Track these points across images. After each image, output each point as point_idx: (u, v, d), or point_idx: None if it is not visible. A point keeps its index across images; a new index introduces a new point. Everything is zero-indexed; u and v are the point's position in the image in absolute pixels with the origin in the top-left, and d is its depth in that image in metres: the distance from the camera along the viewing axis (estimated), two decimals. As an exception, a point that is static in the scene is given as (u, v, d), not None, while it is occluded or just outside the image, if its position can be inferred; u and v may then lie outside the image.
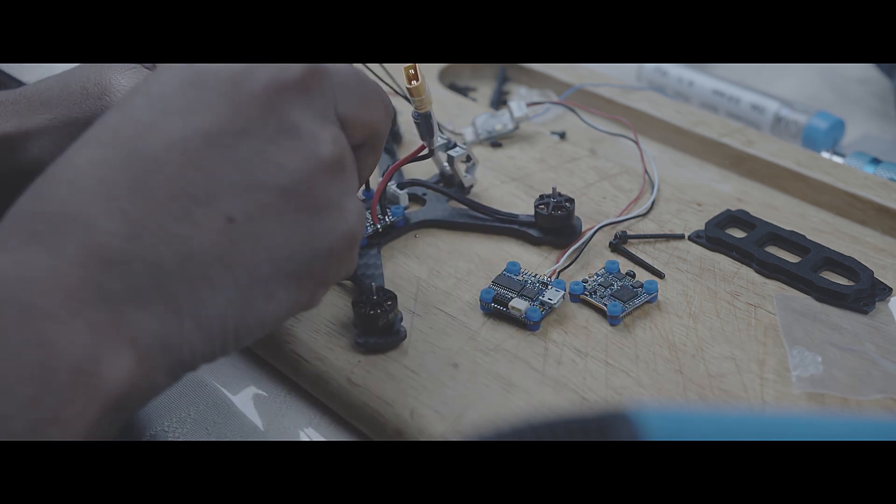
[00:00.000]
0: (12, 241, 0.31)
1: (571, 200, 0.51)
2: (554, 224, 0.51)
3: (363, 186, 0.54)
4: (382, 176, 0.51)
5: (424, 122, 0.48)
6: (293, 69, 0.34)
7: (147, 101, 0.33)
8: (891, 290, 0.48)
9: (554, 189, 0.52)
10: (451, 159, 0.54)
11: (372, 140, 0.39)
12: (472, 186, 0.55)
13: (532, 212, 0.52)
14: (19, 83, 0.63)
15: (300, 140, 0.33)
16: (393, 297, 0.45)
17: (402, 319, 0.45)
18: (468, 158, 0.54)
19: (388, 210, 0.52)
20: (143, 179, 0.31)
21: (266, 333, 0.35)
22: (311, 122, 0.33)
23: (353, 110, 0.37)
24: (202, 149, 0.32)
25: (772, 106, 0.65)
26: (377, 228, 0.51)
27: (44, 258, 0.30)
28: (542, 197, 0.52)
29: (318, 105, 0.34)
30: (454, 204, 0.54)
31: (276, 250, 0.33)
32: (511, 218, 0.52)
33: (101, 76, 0.45)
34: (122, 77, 0.45)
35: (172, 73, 0.34)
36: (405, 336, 0.45)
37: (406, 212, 0.53)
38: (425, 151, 0.51)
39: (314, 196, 0.34)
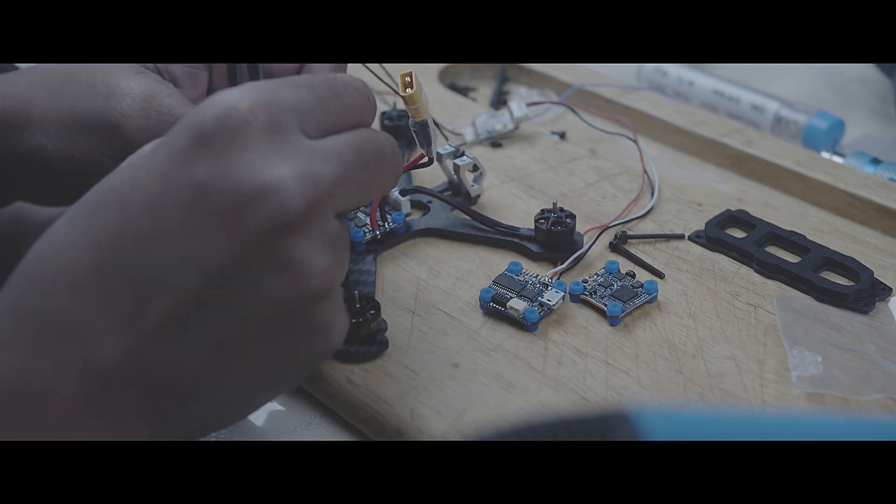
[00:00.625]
0: (18, 340, 0.32)
1: (573, 216, 0.50)
2: (553, 240, 0.50)
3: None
4: None
5: (422, 131, 0.48)
6: (295, 207, 0.32)
7: (148, 209, 0.33)
8: (891, 290, 0.48)
9: (555, 204, 0.51)
10: (457, 168, 0.53)
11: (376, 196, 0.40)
12: (478, 196, 0.55)
13: (532, 217, 0.52)
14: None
15: (293, 273, 0.33)
16: (376, 307, 0.44)
17: (386, 329, 0.45)
18: (475, 168, 0.54)
19: (388, 216, 0.51)
20: (141, 300, 0.32)
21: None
22: (306, 254, 0.33)
23: (357, 201, 0.37)
24: (198, 279, 0.32)
25: (772, 106, 0.65)
26: (375, 235, 0.51)
27: (49, 368, 0.32)
28: (542, 211, 0.51)
29: (317, 236, 0.34)
30: (458, 213, 0.53)
31: (259, 370, 0.35)
32: (512, 231, 0.51)
33: (109, 75, 0.45)
34: (133, 81, 0.44)
35: (177, 183, 0.33)
36: (387, 346, 0.45)
37: (408, 219, 0.52)
38: (425, 160, 0.50)
39: (302, 323, 0.34)
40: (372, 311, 0.44)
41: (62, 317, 0.32)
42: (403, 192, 0.53)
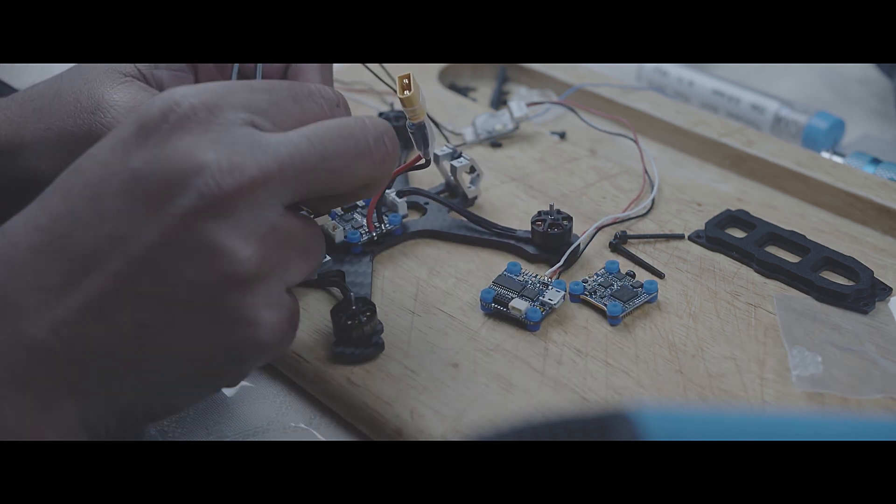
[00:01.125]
0: None
1: (570, 218, 0.50)
2: (549, 242, 0.50)
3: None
4: None
5: (419, 133, 0.47)
6: (214, 192, 0.33)
7: (86, 194, 0.34)
8: (891, 290, 0.48)
9: (552, 206, 0.51)
10: (454, 169, 0.53)
11: (366, 188, 0.38)
12: (475, 198, 0.55)
13: (531, 218, 0.52)
14: (12, 90, 0.63)
15: (216, 259, 0.33)
16: (372, 309, 0.44)
17: (382, 331, 0.45)
18: (472, 169, 0.54)
19: (385, 218, 0.51)
20: (70, 279, 0.33)
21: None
22: (231, 239, 0.34)
23: (322, 191, 0.36)
24: (124, 259, 0.33)
25: (772, 106, 0.65)
26: (372, 236, 0.51)
27: None
28: (539, 213, 0.51)
29: (243, 223, 0.34)
30: (455, 215, 0.53)
31: (182, 358, 0.35)
32: (508, 232, 0.51)
33: (94, 90, 0.45)
34: (116, 93, 0.45)
35: (114, 169, 0.34)
36: (383, 348, 0.44)
37: (405, 220, 0.52)
38: (422, 161, 0.50)
39: (225, 311, 0.34)
40: (367, 314, 0.44)
41: None
42: (400, 194, 0.53)
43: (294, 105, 0.37)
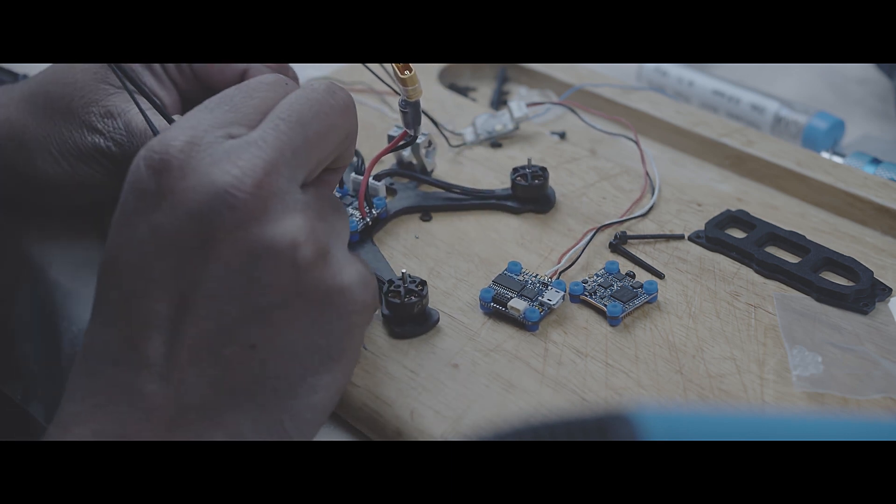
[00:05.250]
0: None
1: (545, 169, 0.54)
2: (531, 194, 0.53)
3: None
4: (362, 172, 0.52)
5: (412, 111, 0.49)
6: (245, 192, 0.34)
7: (131, 274, 0.35)
8: (891, 290, 0.48)
9: (529, 160, 0.54)
10: (416, 146, 0.55)
11: (347, 142, 0.40)
12: (433, 170, 0.57)
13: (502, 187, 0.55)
14: (14, 76, 0.63)
15: (279, 254, 0.35)
16: (423, 282, 0.45)
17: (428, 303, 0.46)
18: (430, 143, 0.56)
19: (371, 203, 0.53)
20: (173, 340, 0.34)
21: (326, 418, 0.38)
22: (280, 231, 0.35)
23: (322, 157, 0.38)
24: (204, 304, 0.34)
25: (772, 106, 0.65)
26: (367, 223, 0.52)
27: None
28: (515, 169, 0.54)
29: (280, 210, 0.35)
30: (424, 188, 0.56)
31: (300, 350, 0.36)
32: (488, 193, 0.54)
33: (94, 101, 0.48)
34: (122, 102, 0.48)
35: (144, 243, 0.34)
36: (438, 319, 0.46)
37: (386, 202, 0.54)
38: (405, 140, 0.51)
39: (315, 293, 0.36)
40: (421, 288, 0.45)
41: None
42: (377, 177, 0.54)
43: (251, 101, 0.38)
